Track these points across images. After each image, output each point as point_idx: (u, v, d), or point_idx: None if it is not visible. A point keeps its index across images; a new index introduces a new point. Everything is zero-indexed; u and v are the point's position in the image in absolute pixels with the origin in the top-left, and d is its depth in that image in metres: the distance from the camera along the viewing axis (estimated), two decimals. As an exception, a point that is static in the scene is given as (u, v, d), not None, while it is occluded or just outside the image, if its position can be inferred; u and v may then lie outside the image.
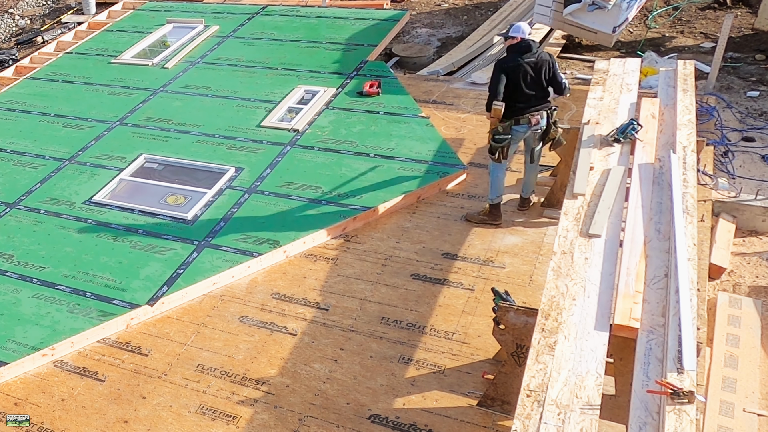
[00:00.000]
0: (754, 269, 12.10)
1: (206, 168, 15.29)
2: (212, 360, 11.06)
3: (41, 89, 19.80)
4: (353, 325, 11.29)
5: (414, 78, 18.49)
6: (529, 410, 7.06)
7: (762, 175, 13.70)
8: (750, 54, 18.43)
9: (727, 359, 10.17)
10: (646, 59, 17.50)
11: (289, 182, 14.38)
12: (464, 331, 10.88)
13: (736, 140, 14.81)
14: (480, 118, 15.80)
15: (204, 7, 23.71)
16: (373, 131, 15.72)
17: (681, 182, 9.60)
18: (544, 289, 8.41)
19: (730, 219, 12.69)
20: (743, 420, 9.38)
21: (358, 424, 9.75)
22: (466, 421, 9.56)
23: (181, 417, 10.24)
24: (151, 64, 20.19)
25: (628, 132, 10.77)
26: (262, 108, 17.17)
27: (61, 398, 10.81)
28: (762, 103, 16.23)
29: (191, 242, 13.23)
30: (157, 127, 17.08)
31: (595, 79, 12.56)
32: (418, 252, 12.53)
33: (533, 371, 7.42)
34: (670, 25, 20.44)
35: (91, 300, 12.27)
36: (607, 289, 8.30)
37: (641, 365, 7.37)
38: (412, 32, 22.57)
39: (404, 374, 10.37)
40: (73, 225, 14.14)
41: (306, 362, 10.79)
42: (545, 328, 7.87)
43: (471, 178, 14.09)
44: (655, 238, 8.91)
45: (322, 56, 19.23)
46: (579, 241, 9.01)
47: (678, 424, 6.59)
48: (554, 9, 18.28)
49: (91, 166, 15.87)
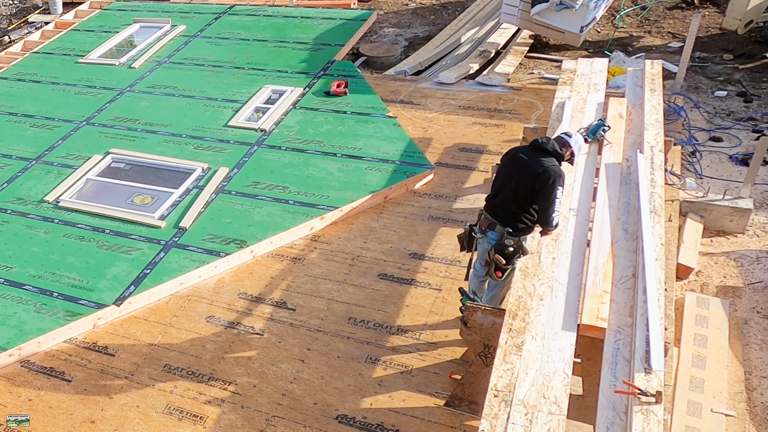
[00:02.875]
0: (721, 269, 12.14)
1: (173, 168, 15.22)
2: (179, 360, 11.01)
3: (8, 89, 19.67)
4: (320, 325, 11.27)
5: (381, 78, 18.47)
6: (497, 410, 7.05)
7: (729, 175, 13.75)
8: (718, 54, 18.51)
9: (695, 359, 10.19)
10: (614, 59, 17.55)
11: (256, 182, 14.34)
12: (431, 331, 10.88)
13: (703, 140, 14.86)
14: (447, 117, 15.84)
15: (171, 6, 23.64)
16: (340, 131, 15.70)
17: (648, 182, 9.62)
18: (512, 289, 8.41)
19: (697, 219, 12.72)
20: (711, 420, 9.40)
21: (326, 425, 9.74)
22: (433, 422, 9.56)
23: (148, 417, 10.19)
24: (118, 63, 20.10)
25: (598, 133, 10.79)
26: (229, 108, 17.12)
27: (27, 398, 10.76)
28: (729, 102, 16.30)
29: (158, 242, 13.17)
30: (124, 126, 16.99)
31: (563, 78, 12.57)
32: (385, 252, 12.51)
33: (501, 371, 7.42)
34: (637, 25, 20.50)
35: (57, 300, 12.21)
36: (574, 289, 8.32)
37: (609, 365, 7.38)
38: (380, 32, 22.54)
39: (371, 374, 10.35)
40: (39, 225, 14.06)
41: (273, 362, 10.76)
42: (513, 328, 7.87)
43: (438, 177, 14.08)
44: (623, 238, 8.93)
45: (289, 56, 19.21)
46: (546, 241, 9.02)
47: (645, 424, 6.60)
48: (521, 9, 18.27)
49: (58, 166, 15.77)
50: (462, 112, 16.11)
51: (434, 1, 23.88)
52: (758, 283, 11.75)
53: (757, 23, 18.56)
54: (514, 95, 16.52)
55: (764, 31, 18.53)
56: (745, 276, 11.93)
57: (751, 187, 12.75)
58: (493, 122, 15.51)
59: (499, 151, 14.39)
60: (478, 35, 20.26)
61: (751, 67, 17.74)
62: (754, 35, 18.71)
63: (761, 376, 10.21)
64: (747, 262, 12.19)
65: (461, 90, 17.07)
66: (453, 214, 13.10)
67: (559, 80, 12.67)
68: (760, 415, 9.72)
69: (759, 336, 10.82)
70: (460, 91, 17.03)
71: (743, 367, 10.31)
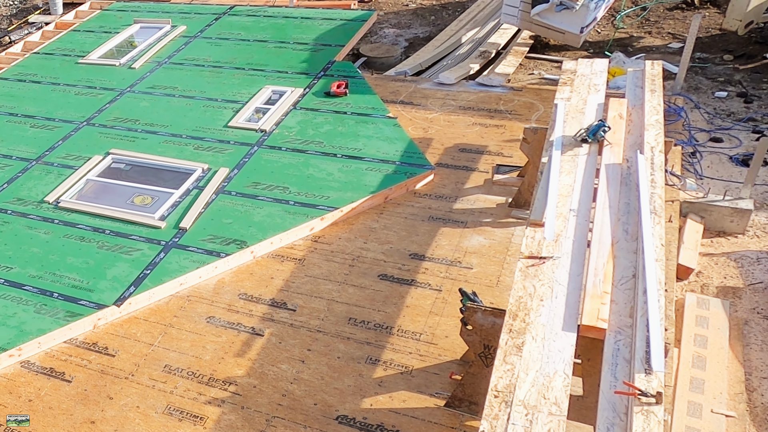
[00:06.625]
0: (722, 270, 12.13)
1: (173, 168, 15.21)
2: (179, 360, 11.01)
3: (8, 89, 19.67)
4: (320, 326, 11.27)
5: (381, 78, 18.46)
6: (497, 411, 7.04)
7: (730, 176, 13.74)
8: (718, 54, 18.50)
9: (695, 360, 10.19)
10: (614, 59, 17.54)
11: (256, 183, 14.34)
12: (432, 332, 10.87)
13: (703, 141, 14.86)
14: (447, 118, 15.83)
15: (171, 7, 23.63)
16: (340, 132, 15.69)
17: (649, 183, 9.60)
18: (512, 289, 8.39)
19: (698, 219, 12.72)
20: (711, 421, 9.40)
21: (326, 425, 9.73)
22: (433, 422, 9.55)
23: (149, 418, 10.18)
24: (118, 64, 20.09)
25: (599, 134, 10.77)
26: (229, 108, 17.11)
27: (27, 399, 10.76)
28: (730, 103, 16.29)
29: (158, 243, 13.17)
30: (124, 127, 16.99)
31: (563, 79, 12.55)
32: (385, 252, 12.51)
33: (501, 372, 7.40)
34: (638, 26, 20.49)
35: (58, 300, 12.21)
36: (574, 289, 8.30)
37: (609, 366, 7.36)
38: (380, 32, 22.53)
39: (372, 375, 10.35)
40: (40, 225, 14.06)
41: (273, 363, 10.75)
42: (513, 329, 7.86)
43: (438, 178, 14.07)
44: (623, 239, 8.91)
45: (289, 56, 19.20)
46: (547, 242, 9.01)
47: (646, 424, 6.58)
48: (522, 9, 18.27)
49: (58, 167, 15.77)
50: (462, 112, 16.11)
51: (434, 2, 23.87)
52: (758, 283, 11.75)
53: (758, 24, 18.56)
54: (515, 96, 16.52)
55: (764, 31, 18.53)
56: (746, 277, 11.93)
57: (751, 187, 12.75)
58: (494, 123, 15.51)
59: (499, 151, 14.40)
60: (479, 36, 20.25)
61: (751, 68, 17.74)
62: (754, 36, 18.71)
63: (761, 377, 10.21)
64: (747, 262, 12.19)
65: (461, 90, 17.07)
66: (453, 215, 13.10)
67: (559, 81, 12.64)
68: (760, 415, 9.71)
69: (759, 337, 10.81)
70: (460, 91, 17.03)
71: (743, 367, 10.31)
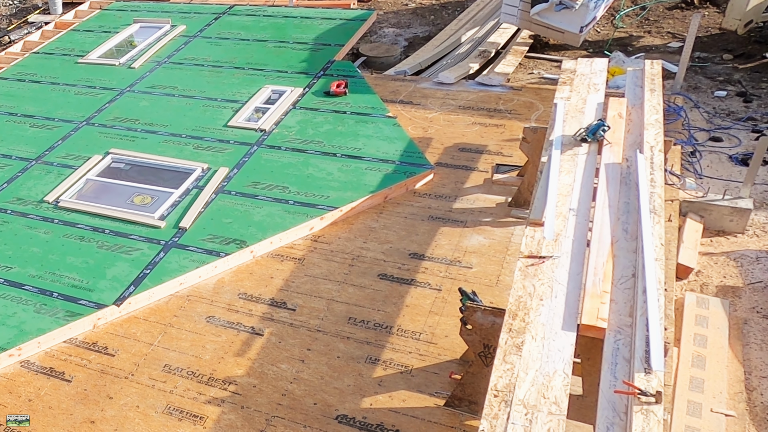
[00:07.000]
0: (721, 269, 12.14)
1: (173, 168, 15.21)
2: (179, 360, 11.01)
3: (8, 89, 19.67)
4: (320, 326, 11.27)
5: (381, 78, 18.45)
6: (497, 410, 7.04)
7: (729, 175, 13.75)
8: (717, 54, 18.50)
9: (695, 359, 10.19)
10: (614, 59, 17.54)
11: (256, 182, 14.34)
12: (431, 332, 10.87)
13: (703, 140, 14.86)
14: (447, 117, 15.83)
15: (171, 6, 23.63)
16: (340, 131, 15.69)
17: (648, 182, 9.60)
18: (512, 289, 8.39)
19: (697, 219, 12.72)
20: (710, 420, 9.40)
21: (325, 425, 9.73)
22: (433, 422, 9.55)
23: (148, 417, 10.19)
24: (117, 63, 20.09)
25: (598, 133, 10.77)
26: (229, 108, 17.11)
27: (27, 398, 10.76)
28: (729, 102, 16.29)
29: (158, 242, 13.17)
30: (124, 127, 16.99)
31: (563, 78, 12.55)
32: (385, 252, 12.51)
33: (500, 371, 7.41)
34: (637, 25, 20.49)
35: (57, 300, 12.21)
36: (574, 289, 8.30)
37: (609, 365, 7.37)
38: (379, 32, 22.52)
39: (371, 374, 10.35)
40: (39, 225, 14.06)
41: (273, 362, 10.76)
42: (512, 329, 7.86)
43: (438, 177, 14.07)
44: (623, 238, 8.91)
45: (289, 56, 19.20)
46: (546, 242, 9.01)
47: (645, 424, 6.59)
48: (521, 9, 18.26)
49: (57, 166, 15.77)
50: (462, 112, 16.11)
51: (434, 1, 23.87)
52: (758, 283, 11.75)
53: (757, 23, 18.55)
54: (514, 95, 16.52)
55: (764, 31, 18.53)
56: (745, 276, 11.93)
57: (750, 187, 12.75)
58: (493, 122, 15.51)
59: (498, 151, 14.41)
60: (478, 35, 20.24)
61: (750, 67, 17.74)
62: (753, 35, 18.70)
63: (761, 376, 10.21)
64: (747, 262, 12.19)
65: (461, 90, 17.07)
66: (453, 214, 13.10)
67: (558, 80, 12.64)
68: (760, 415, 9.72)
69: (759, 336, 10.82)
70: (459, 91, 17.03)
71: (743, 367, 10.31)
